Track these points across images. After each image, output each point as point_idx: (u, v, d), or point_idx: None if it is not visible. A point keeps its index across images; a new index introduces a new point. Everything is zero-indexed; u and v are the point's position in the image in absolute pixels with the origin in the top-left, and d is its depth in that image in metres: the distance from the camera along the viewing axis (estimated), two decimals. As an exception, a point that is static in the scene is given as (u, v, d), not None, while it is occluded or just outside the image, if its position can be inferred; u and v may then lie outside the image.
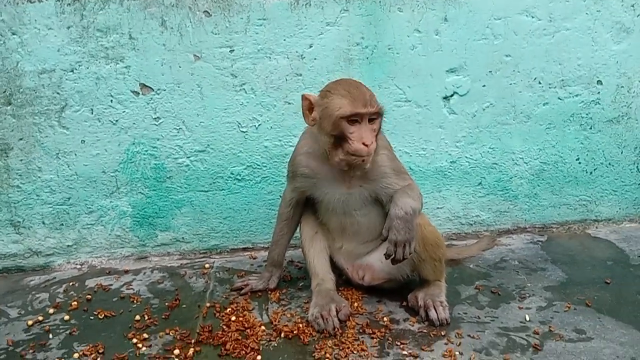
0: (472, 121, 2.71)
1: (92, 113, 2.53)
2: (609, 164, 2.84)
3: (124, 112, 2.54)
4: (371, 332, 2.01)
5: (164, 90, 2.52)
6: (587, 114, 2.76)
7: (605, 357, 1.81)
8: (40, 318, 2.19)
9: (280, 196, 2.35)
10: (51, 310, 2.25)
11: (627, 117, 2.79)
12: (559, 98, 2.72)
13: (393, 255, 1.96)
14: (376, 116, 2.00)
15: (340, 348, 1.91)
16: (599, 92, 2.74)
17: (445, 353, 1.86)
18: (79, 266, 2.68)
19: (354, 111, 1.93)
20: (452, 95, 2.67)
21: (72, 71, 2.47)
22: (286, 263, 2.56)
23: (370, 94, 1.99)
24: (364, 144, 1.93)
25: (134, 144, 2.58)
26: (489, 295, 2.25)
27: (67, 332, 2.10)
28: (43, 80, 2.47)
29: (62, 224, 2.64)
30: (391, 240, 1.95)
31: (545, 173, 2.82)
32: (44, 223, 2.63)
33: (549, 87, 2.70)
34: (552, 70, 2.68)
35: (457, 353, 1.86)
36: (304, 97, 2.05)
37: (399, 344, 1.93)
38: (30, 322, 2.17)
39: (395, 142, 2.56)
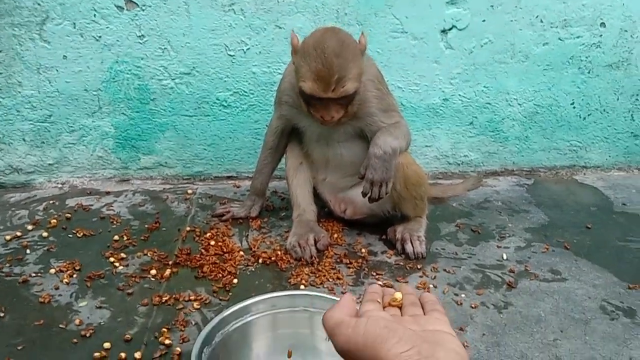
0: (468, 57, 2.62)
1: (74, 27, 2.42)
2: (604, 110, 2.79)
3: (107, 27, 2.43)
4: (348, 262, 2.01)
5: (149, 6, 2.41)
6: (586, 57, 2.68)
7: (577, 297, 1.83)
8: (19, 234, 2.18)
9: (267, 125, 2.30)
10: (30, 227, 2.24)
11: (628, 62, 2.71)
12: (559, 39, 2.63)
13: (369, 194, 1.94)
14: (345, 97, 1.85)
15: (317, 275, 1.92)
16: (601, 35, 2.65)
17: (419, 285, 1.88)
18: (60, 185, 2.65)
19: (313, 94, 1.83)
20: (450, 29, 2.57)
21: (52, -19, 2.35)
22: (270, 193, 2.55)
23: (339, 77, 1.78)
24: (322, 117, 1.87)
25: (117, 62, 2.49)
26: (469, 234, 2.25)
27: (45, 248, 2.09)
28: (22, -11, 2.35)
29: (43, 142, 2.59)
30: (367, 179, 1.92)
31: (538, 116, 2.76)
32: (24, 140, 2.57)
33: (550, 27, 2.61)
34: (555, 8, 2.58)
35: (431, 286, 1.88)
36: (292, 36, 1.92)
37: (374, 274, 1.94)
38: (8, 237, 2.15)
39: (389, 76, 2.47)
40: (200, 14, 2.44)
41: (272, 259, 2.02)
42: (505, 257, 2.07)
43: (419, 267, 2.00)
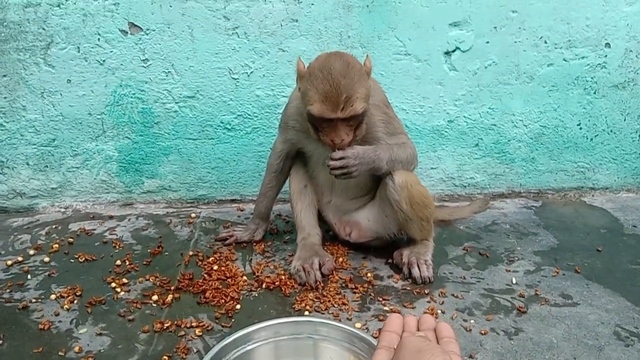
0: (472, 79, 2.61)
1: (78, 51, 2.43)
2: (611, 131, 2.76)
3: (111, 52, 2.44)
4: (354, 287, 1.97)
5: (154, 30, 2.42)
6: (592, 78, 2.66)
7: (589, 323, 1.78)
8: (20, 259, 2.16)
9: (271, 148, 2.28)
10: (31, 252, 2.22)
11: (634, 83, 2.69)
12: (564, 59, 2.62)
13: (333, 164, 1.88)
14: (353, 118, 1.84)
15: (321, 301, 1.88)
16: (606, 56, 2.63)
17: (427, 311, 1.83)
18: (63, 209, 2.63)
19: (322, 115, 1.82)
20: (454, 51, 2.56)
21: (58, 6, 2.36)
22: (274, 216, 2.52)
23: (347, 96, 1.78)
24: (333, 141, 1.86)
25: (121, 86, 2.49)
26: (477, 257, 2.20)
27: (46, 273, 2.06)
28: (28, 15, 2.36)
29: (47, 166, 2.58)
30: (341, 154, 1.88)
31: (545, 137, 2.74)
32: (28, 164, 2.57)
33: (555, 48, 2.60)
34: (559, 29, 2.57)
35: (439, 311, 1.83)
36: (298, 61, 1.93)
37: (380, 299, 1.90)
38: (9, 262, 2.13)
39: (393, 98, 2.47)
40: (204, 37, 2.44)
41: (276, 283, 1.99)
42: (514, 281, 2.02)
43: (426, 292, 1.95)
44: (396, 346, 0.98)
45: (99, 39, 2.42)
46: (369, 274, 2.06)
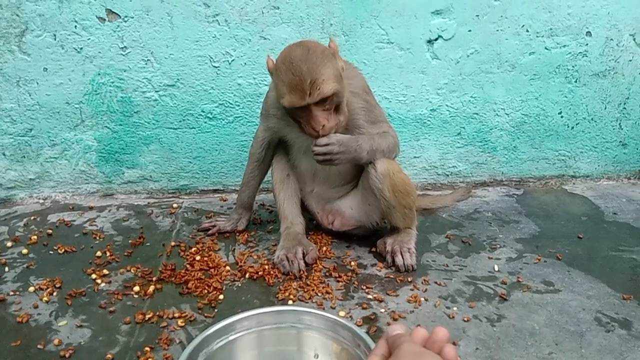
0: (455, 68, 2.61)
1: (54, 39, 2.37)
2: (592, 119, 2.78)
3: (89, 39, 2.38)
4: (337, 275, 1.96)
5: (132, 17, 2.37)
6: (573, 67, 2.68)
7: (571, 309, 1.79)
8: (-3, 251, 2.12)
9: (253, 137, 2.25)
10: (9, 244, 2.17)
11: (614, 71, 2.71)
12: (545, 48, 2.63)
13: (317, 152, 1.87)
14: (325, 100, 1.82)
15: (305, 290, 1.87)
16: (587, 44, 2.65)
17: (410, 298, 1.83)
18: (41, 201, 2.58)
19: (293, 105, 1.81)
20: (436, 39, 2.55)
21: (32, -8, 2.30)
22: (257, 206, 2.50)
23: (312, 80, 1.76)
24: (314, 129, 1.84)
25: (99, 74, 2.44)
26: (459, 245, 2.21)
27: (24, 265, 2.02)
28: (1, 0, 2.29)
29: (24, 156, 2.53)
30: (325, 141, 1.86)
31: (526, 126, 2.75)
32: (4, 154, 2.51)
33: (537, 36, 2.60)
34: (541, 18, 2.58)
35: (422, 299, 1.83)
36: (267, 60, 1.92)
37: (364, 288, 1.90)
38: (-14, 255, 2.09)
39: (375, 87, 2.46)
40: (184, 25, 2.40)
41: (260, 273, 1.97)
42: (496, 268, 2.04)
43: (409, 280, 1.95)
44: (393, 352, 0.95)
45: (75, 26, 2.36)
46: (352, 263, 2.05)
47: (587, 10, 2.59)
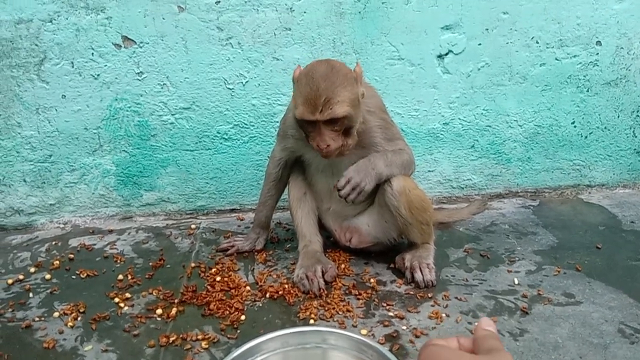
0: (466, 81, 2.63)
1: (72, 66, 2.43)
2: (605, 128, 2.78)
3: (105, 66, 2.44)
4: (357, 293, 1.97)
5: (147, 43, 2.42)
6: (584, 76, 2.69)
7: (593, 321, 1.79)
8: (21, 277, 2.15)
9: (269, 156, 2.28)
10: (32, 269, 2.21)
11: (626, 80, 2.72)
12: (556, 59, 2.64)
13: (342, 190, 1.91)
14: (335, 121, 1.85)
15: (326, 309, 1.88)
16: (597, 54, 2.66)
17: (432, 314, 1.84)
18: (62, 225, 2.62)
19: (303, 117, 1.84)
20: (446, 54, 2.58)
21: (50, 21, 2.36)
22: (274, 225, 2.52)
23: (327, 98, 1.79)
24: (319, 146, 1.87)
25: (116, 99, 2.49)
26: (478, 259, 2.21)
27: (48, 291, 2.05)
28: (20, 31, 2.35)
29: (44, 182, 2.57)
30: (347, 175, 1.91)
31: (540, 136, 2.76)
32: (25, 181, 2.56)
33: (547, 47, 2.62)
34: (550, 29, 2.59)
35: (443, 315, 1.83)
36: (295, 69, 1.96)
37: (385, 305, 1.90)
38: (10, 281, 2.12)
39: (388, 102, 2.47)
40: (198, 49, 2.45)
41: (280, 293, 1.98)
42: (516, 281, 2.03)
43: (429, 295, 1.96)
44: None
45: (92, 54, 2.42)
46: (372, 280, 2.06)
47: (596, 20, 2.61)
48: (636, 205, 2.68)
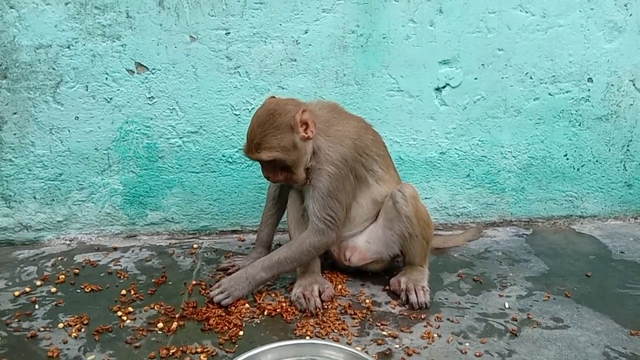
0: (462, 113, 2.74)
1: (86, 90, 2.55)
2: (597, 161, 2.88)
3: (118, 90, 2.56)
4: (353, 313, 2.04)
5: (159, 70, 2.55)
6: (576, 111, 2.79)
7: (580, 344, 1.85)
8: (27, 289, 2.22)
9: (270, 179, 2.37)
10: (38, 283, 2.28)
11: (616, 115, 2.82)
12: (549, 94, 2.76)
13: (210, 294, 2.10)
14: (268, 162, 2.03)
15: (322, 327, 1.94)
16: (589, 90, 2.78)
17: (424, 335, 1.90)
18: (68, 242, 2.70)
19: (244, 151, 2.07)
20: (444, 87, 2.70)
21: (68, 47, 2.49)
22: (274, 246, 2.58)
23: (256, 142, 1.98)
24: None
25: (127, 122, 2.60)
26: (471, 283, 2.28)
27: (53, 303, 2.12)
28: (39, 56, 2.48)
29: (53, 200, 2.66)
30: (220, 283, 2.13)
31: (533, 168, 2.85)
32: (35, 198, 2.65)
33: (540, 83, 2.74)
34: (544, 65, 2.72)
35: (435, 335, 1.90)
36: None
37: (379, 325, 1.97)
38: (17, 293, 2.19)
39: (387, 132, 2.61)
40: (207, 76, 2.57)
41: (277, 310, 2.05)
42: (507, 305, 2.10)
43: (422, 317, 2.02)
44: None
45: (106, 78, 2.54)
46: (367, 301, 2.13)
47: (587, 58, 2.73)
48: (626, 236, 2.76)
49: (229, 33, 2.53)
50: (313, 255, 2.14)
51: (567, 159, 2.86)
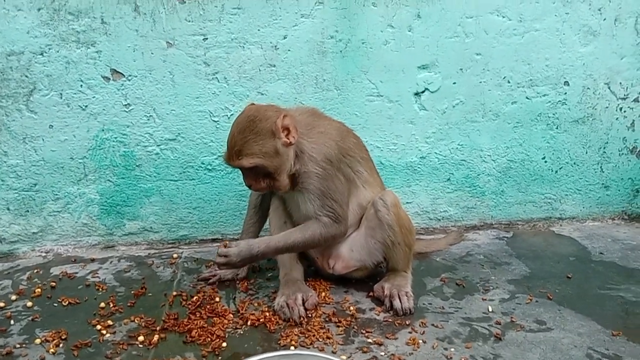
0: (442, 118, 2.75)
1: (61, 98, 2.49)
2: (574, 163, 2.92)
3: (93, 97, 2.50)
4: (337, 320, 2.02)
5: (135, 76, 2.50)
6: (553, 114, 2.83)
7: (563, 347, 1.86)
8: (2, 304, 2.15)
9: (251, 186, 2.35)
10: (13, 297, 2.21)
11: (592, 118, 2.87)
12: (527, 97, 2.79)
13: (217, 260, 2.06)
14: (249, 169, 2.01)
15: (306, 336, 1.92)
16: (565, 93, 2.81)
17: (409, 341, 1.89)
18: (44, 254, 2.63)
19: (225, 160, 2.05)
20: (423, 92, 2.70)
21: (41, 54, 2.43)
22: (255, 254, 2.56)
23: (237, 149, 1.97)
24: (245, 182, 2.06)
25: (103, 130, 2.54)
26: (454, 287, 2.29)
27: (29, 318, 2.06)
28: (11, 63, 2.42)
29: (28, 211, 2.59)
30: (225, 251, 2.04)
31: (512, 171, 2.88)
32: (8, 209, 2.57)
33: (518, 87, 2.77)
34: (521, 70, 2.74)
35: (420, 341, 1.89)
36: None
37: (364, 332, 1.95)
38: (-10, 308, 2.13)
39: (367, 137, 2.59)
40: (185, 82, 2.53)
41: (261, 320, 2.02)
42: (490, 309, 2.11)
43: (407, 322, 2.01)
44: None
45: (81, 85, 2.48)
46: (351, 308, 2.11)
47: (563, 62, 2.77)
48: (604, 237, 2.80)
49: (207, 39, 2.50)
50: (321, 244, 2.14)
51: (545, 161, 2.89)
